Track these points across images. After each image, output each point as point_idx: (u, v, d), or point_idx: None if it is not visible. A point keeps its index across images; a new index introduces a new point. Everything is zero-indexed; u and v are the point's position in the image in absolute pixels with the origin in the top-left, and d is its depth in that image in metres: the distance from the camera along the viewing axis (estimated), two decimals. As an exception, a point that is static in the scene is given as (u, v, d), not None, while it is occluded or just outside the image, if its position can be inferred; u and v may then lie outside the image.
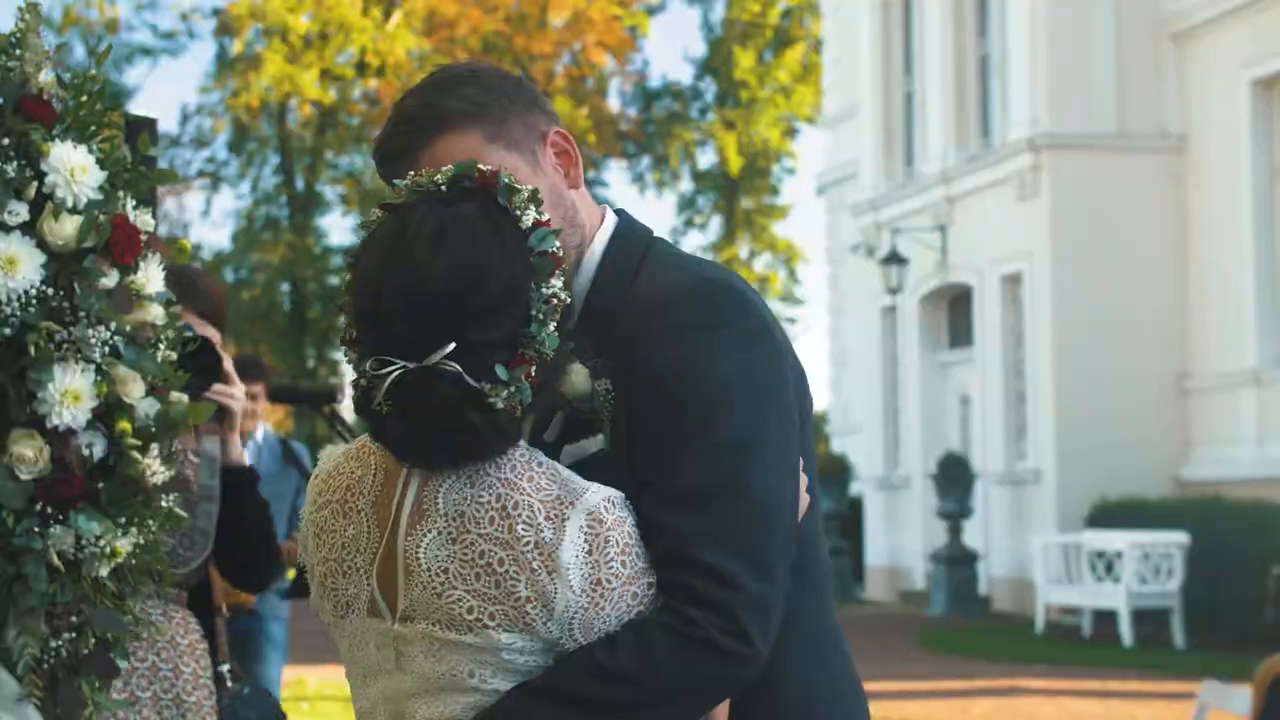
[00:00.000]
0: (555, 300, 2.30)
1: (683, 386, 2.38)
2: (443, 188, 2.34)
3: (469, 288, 2.25)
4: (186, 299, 4.02)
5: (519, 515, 2.27)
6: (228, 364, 3.96)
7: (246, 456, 4.21)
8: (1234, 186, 19.52)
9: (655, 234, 2.66)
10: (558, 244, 2.33)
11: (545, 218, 2.34)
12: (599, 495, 2.30)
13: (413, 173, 2.40)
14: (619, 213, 2.68)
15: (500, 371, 2.25)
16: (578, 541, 2.26)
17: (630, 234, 2.62)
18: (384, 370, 2.26)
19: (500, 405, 2.25)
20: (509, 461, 2.32)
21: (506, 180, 2.34)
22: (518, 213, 2.32)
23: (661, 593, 2.32)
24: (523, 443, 2.37)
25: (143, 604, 3.69)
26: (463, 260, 2.26)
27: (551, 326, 2.29)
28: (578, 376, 2.43)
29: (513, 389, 2.25)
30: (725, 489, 2.35)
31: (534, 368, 2.27)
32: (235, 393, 3.98)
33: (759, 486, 2.37)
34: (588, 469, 2.40)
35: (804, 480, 2.50)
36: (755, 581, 2.31)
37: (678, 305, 2.43)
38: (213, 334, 3.99)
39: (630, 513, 2.32)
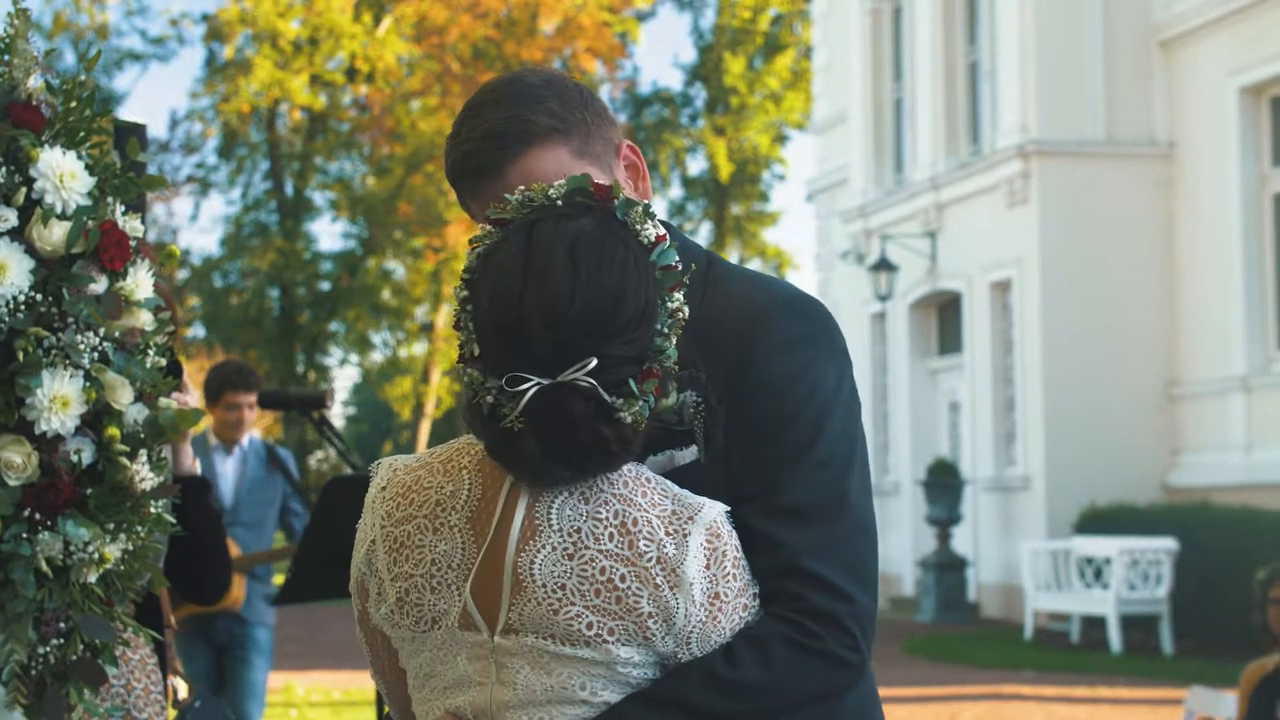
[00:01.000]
0: (680, 314, 2.31)
1: (791, 400, 2.42)
2: (559, 202, 2.33)
3: (611, 305, 2.26)
4: None
5: (639, 531, 2.28)
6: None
7: (232, 463, 4.19)
8: (1222, 193, 19.56)
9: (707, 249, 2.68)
10: (677, 258, 2.33)
11: (663, 231, 2.35)
12: (714, 510, 2.32)
13: (521, 188, 2.37)
14: (666, 225, 2.67)
15: (632, 385, 2.26)
16: (699, 556, 2.28)
17: (688, 248, 2.60)
18: (521, 387, 2.25)
19: (628, 419, 2.26)
20: (621, 477, 2.33)
21: (624, 195, 2.34)
22: (638, 227, 2.32)
23: (770, 604, 2.35)
24: None
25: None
26: (602, 278, 2.26)
27: (674, 340, 2.31)
28: None
29: (641, 403, 2.27)
30: (831, 504, 2.40)
31: (658, 381, 2.29)
32: (190, 402, 3.92)
33: (858, 501, 2.43)
34: (677, 480, 2.41)
35: None
36: (861, 593, 2.37)
37: (779, 319, 2.46)
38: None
39: (734, 526, 2.35)
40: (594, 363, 2.24)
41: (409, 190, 38.90)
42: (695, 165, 45.53)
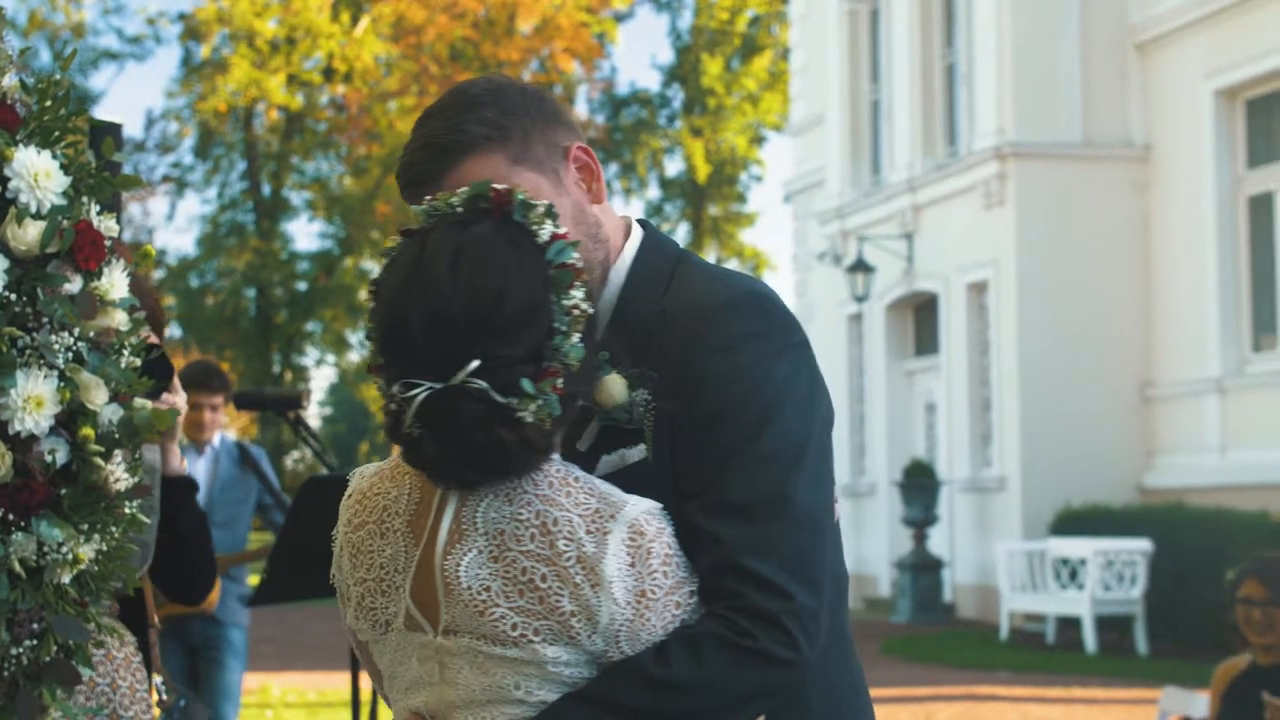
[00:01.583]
0: (577, 311, 2.32)
1: (733, 396, 2.41)
2: (459, 209, 2.37)
3: (489, 306, 2.27)
4: None
5: (559, 531, 2.30)
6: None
7: (204, 463, 4.17)
8: (1198, 195, 19.62)
9: (682, 247, 2.68)
10: (576, 255, 2.35)
11: (563, 230, 2.36)
12: (639, 508, 2.32)
13: (429, 197, 2.41)
14: (643, 224, 2.70)
15: (526, 385, 2.26)
16: (620, 554, 2.29)
17: (658, 245, 2.64)
18: (411, 393, 2.28)
19: (529, 419, 2.26)
20: (545, 477, 2.34)
21: (521, 197, 2.36)
22: (534, 228, 2.34)
23: (709, 602, 2.34)
24: (557, 457, 2.39)
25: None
26: (481, 279, 2.29)
27: (575, 338, 2.31)
28: (614, 386, 2.46)
29: (540, 402, 2.27)
30: (774, 500, 2.38)
31: (560, 379, 2.29)
32: (179, 402, 3.93)
33: (803, 498, 2.40)
34: (627, 479, 2.43)
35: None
36: (802, 591, 2.35)
37: (728, 316, 2.46)
38: (152, 338, 3.93)
39: (669, 523, 2.34)
40: (476, 364, 2.25)
41: (386, 190, 38.86)
42: (673, 166, 45.58)
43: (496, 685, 2.32)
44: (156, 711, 3.86)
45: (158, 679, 3.93)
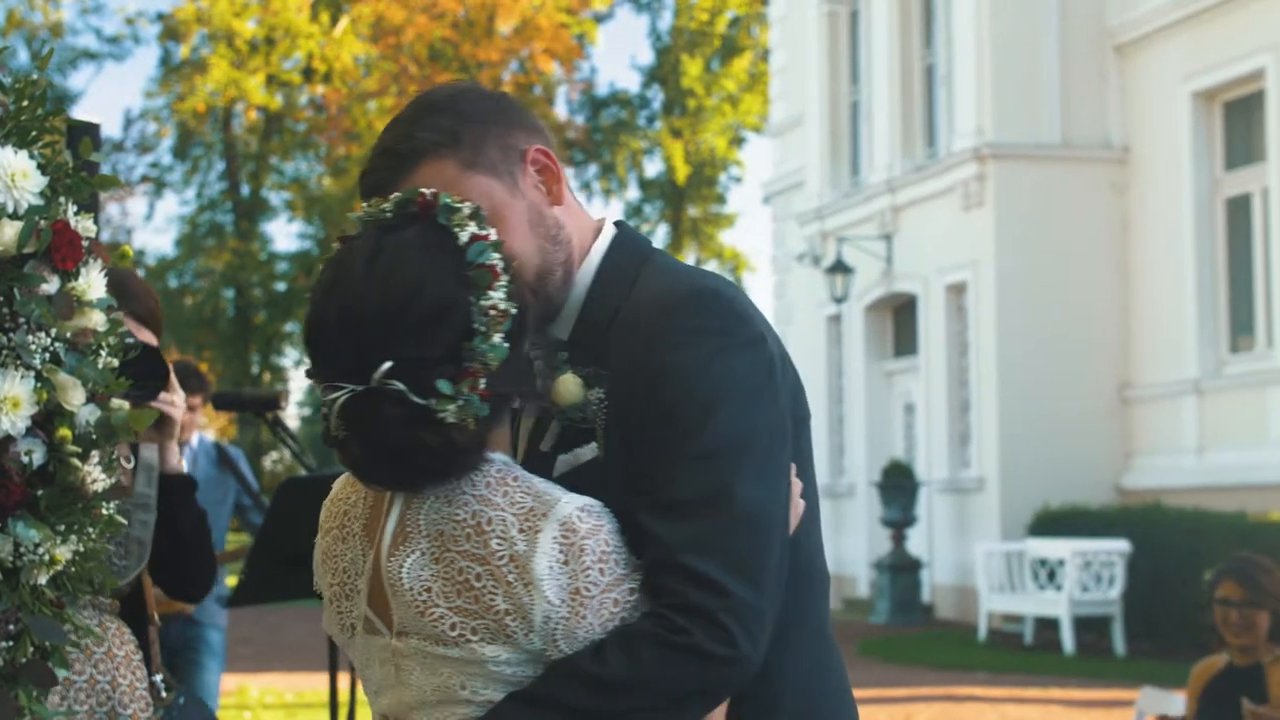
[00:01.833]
0: (495, 312, 2.31)
1: (675, 393, 2.40)
2: (389, 215, 2.39)
3: (401, 306, 2.29)
4: (121, 301, 3.96)
5: (493, 530, 2.30)
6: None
7: (184, 464, 4.17)
8: (1175, 197, 19.67)
9: (655, 246, 2.68)
10: (497, 256, 2.35)
11: (485, 232, 2.37)
12: (571, 505, 2.32)
13: (365, 204, 2.44)
14: (619, 224, 2.70)
15: (443, 386, 2.27)
16: (551, 552, 2.28)
17: (628, 245, 2.64)
18: (332, 396, 2.30)
19: (451, 420, 2.27)
20: (484, 478, 2.35)
21: (446, 200, 2.38)
22: (456, 229, 2.35)
23: (649, 599, 2.33)
24: (500, 457, 2.40)
25: (79, 614, 3.67)
26: (393, 280, 2.30)
27: (496, 338, 2.31)
28: (570, 385, 2.47)
29: (461, 403, 2.27)
30: (714, 497, 2.36)
31: (483, 380, 2.29)
32: (177, 400, 3.94)
33: (747, 494, 2.37)
34: (580, 478, 2.44)
35: (798, 486, 2.53)
36: (741, 588, 2.32)
37: (673, 312, 2.45)
38: (150, 338, 3.94)
39: (609, 519, 2.34)
40: (389, 365, 2.26)
41: (365, 191, 38.74)
42: (652, 167, 45.58)
43: (445, 685, 2.34)
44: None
45: (158, 677, 3.93)
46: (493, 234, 2.38)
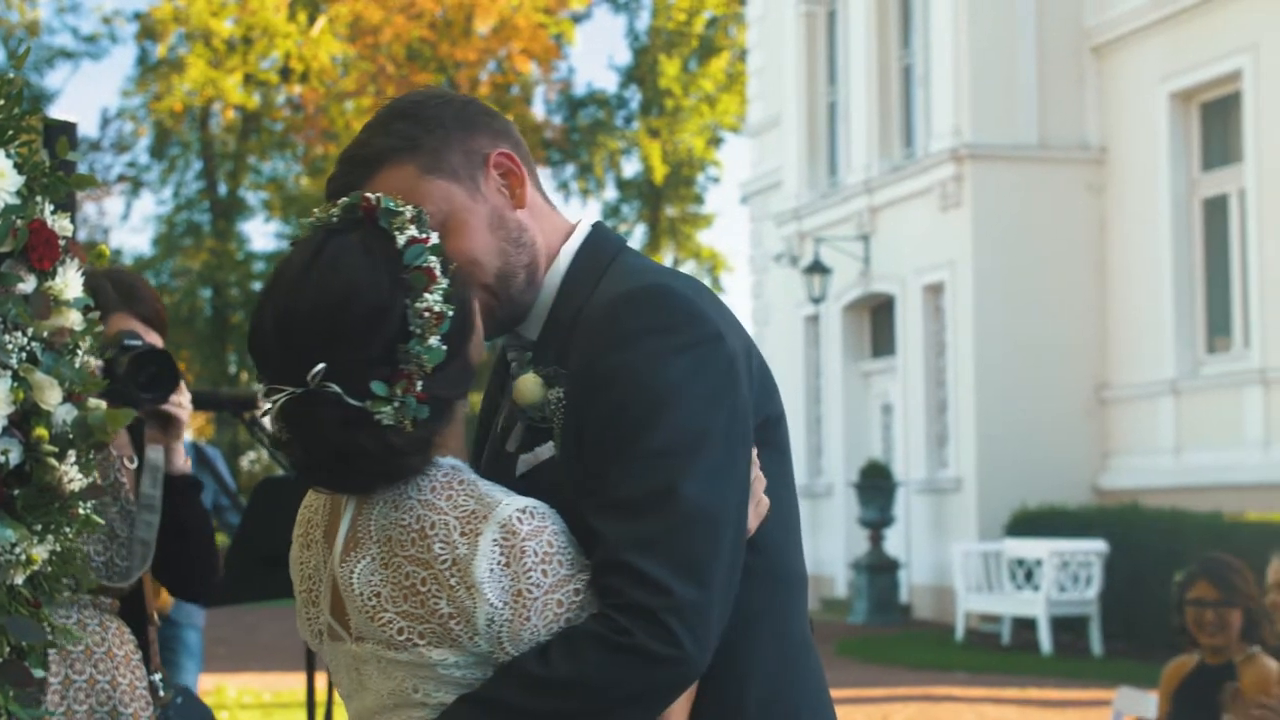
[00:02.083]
0: (430, 314, 2.32)
1: (623, 392, 2.39)
2: (335, 219, 2.40)
3: (334, 308, 2.29)
4: (128, 304, 4.00)
5: (435, 534, 2.30)
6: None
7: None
8: (1152, 198, 19.72)
9: (627, 245, 2.68)
10: (435, 259, 2.36)
11: (424, 235, 2.37)
12: (512, 507, 2.31)
13: (316, 210, 2.45)
14: (596, 225, 2.69)
15: (378, 388, 2.28)
16: (491, 555, 2.28)
17: (599, 245, 2.63)
18: (271, 398, 2.31)
19: (388, 422, 2.28)
20: (429, 482, 2.35)
21: (388, 204, 2.39)
22: (395, 232, 2.36)
23: (597, 600, 2.32)
24: (448, 460, 2.40)
25: (79, 614, 3.68)
26: (328, 282, 2.31)
27: (432, 340, 2.31)
28: (528, 385, 2.47)
29: (396, 405, 2.28)
30: (659, 496, 2.34)
31: (420, 382, 2.29)
32: (185, 402, 3.99)
33: (695, 493, 2.35)
34: (538, 477, 2.46)
35: (760, 484, 2.50)
36: (685, 587, 2.30)
37: (624, 311, 2.45)
38: (157, 340, 3.98)
39: (553, 520, 2.33)
40: (322, 367, 2.27)
41: (343, 190, 38.69)
42: (630, 167, 45.49)
43: (399, 689, 2.35)
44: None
45: (156, 676, 3.94)
46: (433, 237, 2.39)
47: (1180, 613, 6.47)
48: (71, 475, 2.61)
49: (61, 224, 2.66)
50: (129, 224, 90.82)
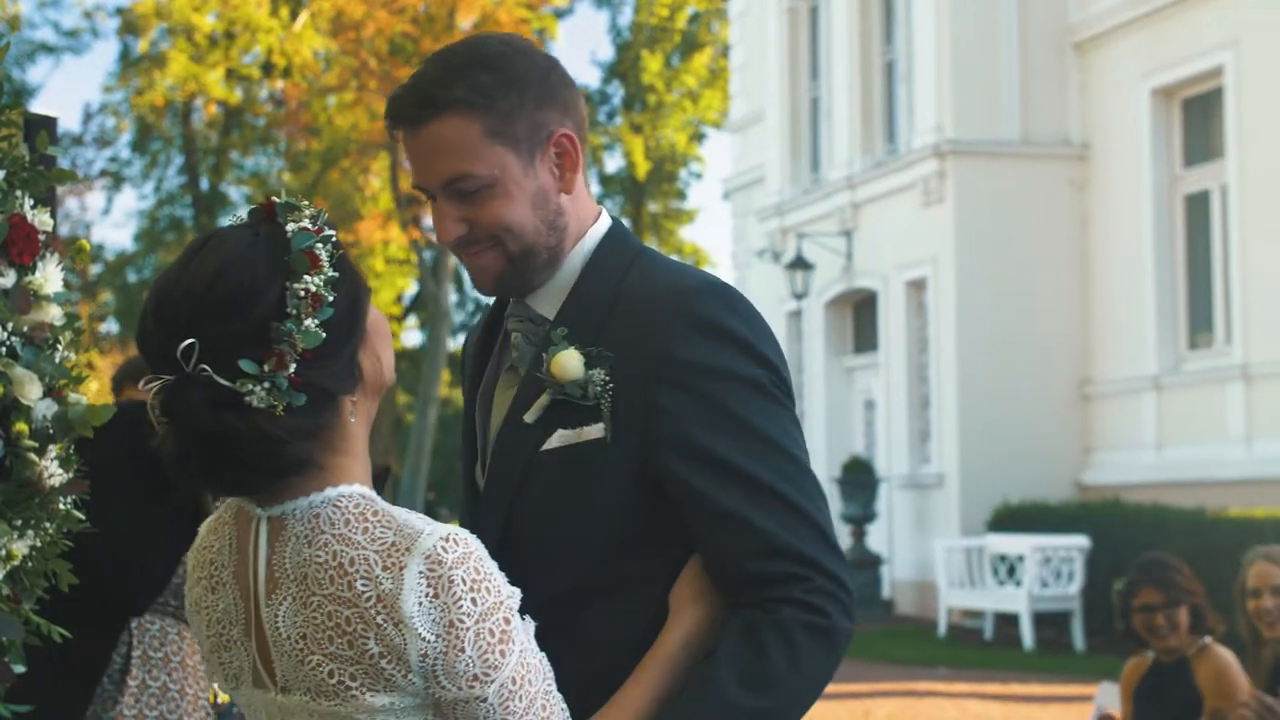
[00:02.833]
0: (307, 295, 2.27)
1: (721, 380, 2.45)
2: (244, 221, 2.38)
3: (205, 285, 2.25)
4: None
5: (356, 571, 2.22)
6: None
7: None
8: (1134, 194, 19.75)
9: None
10: (324, 249, 2.31)
11: (312, 226, 2.33)
12: (434, 536, 2.23)
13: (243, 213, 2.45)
14: (613, 219, 2.72)
15: (246, 365, 2.22)
16: (419, 587, 2.20)
17: (623, 236, 2.68)
18: (149, 386, 2.26)
19: (258, 404, 2.21)
20: (343, 516, 2.27)
21: (287, 201, 2.36)
22: (285, 223, 2.32)
23: (759, 589, 2.40)
24: (358, 489, 2.32)
25: (162, 621, 3.69)
26: (202, 264, 2.28)
27: (309, 323, 2.25)
28: (570, 361, 2.47)
29: (266, 385, 2.22)
30: (788, 477, 2.45)
31: (293, 364, 2.23)
32: None
33: (811, 480, 2.49)
34: (583, 455, 2.47)
35: None
36: (835, 563, 2.45)
37: (696, 301, 2.49)
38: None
39: (476, 545, 2.26)
40: (191, 342, 2.22)
41: (325, 186, 38.71)
42: (612, 163, 45.56)
43: None
44: None
45: (215, 687, 3.96)
46: (329, 234, 2.35)
47: (1126, 619, 6.54)
48: (52, 470, 2.60)
49: (42, 219, 2.65)
50: (111, 219, 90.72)
